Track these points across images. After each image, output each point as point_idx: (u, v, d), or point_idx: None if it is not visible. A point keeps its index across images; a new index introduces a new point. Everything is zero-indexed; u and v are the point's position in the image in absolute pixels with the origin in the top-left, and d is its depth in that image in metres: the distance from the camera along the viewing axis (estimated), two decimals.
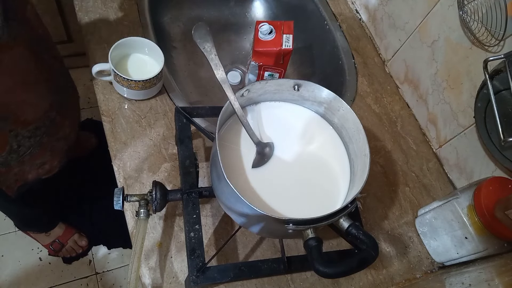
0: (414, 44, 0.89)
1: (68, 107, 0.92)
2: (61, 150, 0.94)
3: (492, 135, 0.68)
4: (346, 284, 0.72)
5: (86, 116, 1.60)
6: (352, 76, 0.97)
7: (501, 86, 0.64)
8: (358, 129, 0.61)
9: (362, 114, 0.92)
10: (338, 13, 1.05)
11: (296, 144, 0.66)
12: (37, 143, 0.83)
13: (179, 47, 1.01)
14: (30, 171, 0.89)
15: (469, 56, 0.76)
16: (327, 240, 0.75)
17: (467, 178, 0.83)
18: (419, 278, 0.76)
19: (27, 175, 0.89)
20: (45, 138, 0.85)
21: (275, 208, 0.58)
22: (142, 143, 0.77)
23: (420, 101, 0.92)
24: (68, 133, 0.94)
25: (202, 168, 0.75)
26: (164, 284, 0.66)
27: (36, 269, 1.35)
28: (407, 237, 0.80)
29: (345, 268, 0.50)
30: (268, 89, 0.64)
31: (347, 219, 0.53)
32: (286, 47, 0.80)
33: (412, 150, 0.90)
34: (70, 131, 0.95)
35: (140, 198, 0.62)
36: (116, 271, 1.40)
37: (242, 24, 1.09)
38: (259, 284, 0.68)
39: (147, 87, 0.76)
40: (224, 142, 0.63)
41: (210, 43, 0.61)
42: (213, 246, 0.69)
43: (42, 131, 0.83)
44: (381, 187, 0.84)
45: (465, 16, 0.73)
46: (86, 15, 0.88)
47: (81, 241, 1.39)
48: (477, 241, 0.69)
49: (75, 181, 1.45)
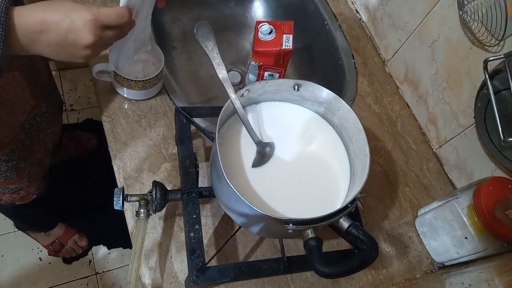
0: (414, 44, 0.89)
1: (39, 130, 0.88)
2: (37, 176, 0.91)
3: (492, 135, 0.68)
4: (346, 284, 0.72)
5: (86, 116, 1.60)
6: (352, 76, 0.97)
7: (501, 86, 0.64)
8: (358, 129, 0.61)
9: (362, 114, 0.92)
10: (338, 13, 1.05)
11: (296, 144, 0.66)
12: (15, 167, 0.80)
13: (179, 47, 1.01)
14: (4, 193, 0.86)
15: (469, 56, 0.76)
16: (327, 240, 0.75)
17: (467, 178, 0.83)
18: (419, 278, 0.76)
19: (1, 196, 0.87)
20: (21, 163, 0.82)
21: (275, 208, 0.58)
22: (142, 143, 0.77)
23: (420, 101, 0.92)
24: (39, 158, 0.91)
25: (202, 168, 0.75)
26: (164, 284, 0.66)
27: (36, 269, 1.35)
28: (407, 237, 0.80)
29: (345, 268, 0.50)
30: (268, 89, 0.64)
31: (347, 219, 0.53)
32: (286, 47, 0.80)
33: (412, 150, 0.90)
34: (42, 156, 0.91)
35: (140, 198, 0.62)
36: (116, 271, 1.40)
37: (242, 24, 1.09)
38: (259, 284, 0.68)
39: (147, 87, 0.76)
40: (224, 141, 0.63)
41: (212, 42, 0.61)
42: (213, 246, 0.69)
43: (17, 155, 0.80)
44: (381, 187, 0.84)
45: (465, 16, 0.73)
46: None
47: (81, 241, 1.39)
48: (477, 241, 0.69)
49: (75, 181, 1.45)
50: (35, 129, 0.85)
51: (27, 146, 0.83)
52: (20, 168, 0.82)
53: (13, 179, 0.82)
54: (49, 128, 0.92)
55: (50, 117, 0.90)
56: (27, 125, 0.81)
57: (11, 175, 0.81)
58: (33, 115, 0.82)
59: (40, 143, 0.91)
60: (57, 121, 0.97)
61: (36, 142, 0.88)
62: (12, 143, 0.77)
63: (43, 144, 0.92)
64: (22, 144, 0.81)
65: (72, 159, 1.41)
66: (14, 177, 0.82)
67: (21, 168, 0.82)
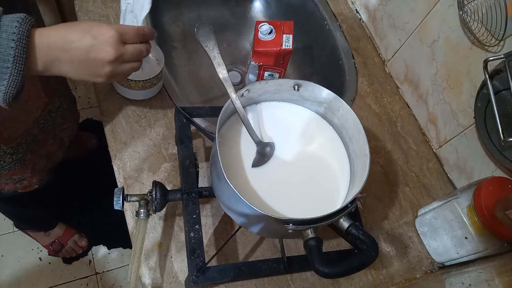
0: (414, 44, 0.89)
1: (55, 126, 0.89)
2: (43, 168, 0.91)
3: (492, 135, 0.68)
4: (346, 284, 0.72)
5: (86, 116, 1.60)
6: (352, 76, 0.97)
7: (501, 86, 0.64)
8: (358, 129, 0.61)
9: (362, 114, 0.92)
10: (338, 13, 1.05)
11: (296, 144, 0.66)
12: (19, 160, 0.81)
13: (179, 47, 1.01)
14: (7, 183, 0.87)
15: (469, 56, 0.76)
16: (327, 240, 0.75)
17: (467, 178, 0.83)
18: (419, 278, 0.76)
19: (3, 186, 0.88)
20: (28, 155, 0.83)
21: (275, 208, 0.58)
22: (142, 143, 0.77)
23: (420, 101, 0.92)
24: (53, 152, 0.92)
25: (202, 168, 0.75)
26: (164, 284, 0.66)
27: (36, 269, 1.35)
28: (407, 237, 0.80)
29: (345, 268, 0.50)
30: (268, 89, 0.64)
31: (347, 219, 0.53)
32: (286, 47, 0.80)
33: (412, 150, 0.90)
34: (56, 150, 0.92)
35: (140, 198, 0.62)
36: (116, 271, 1.40)
37: (242, 24, 1.09)
38: (259, 284, 0.68)
39: (147, 87, 0.76)
40: (224, 141, 0.63)
41: (212, 41, 0.61)
42: (213, 246, 0.69)
43: (24, 148, 0.81)
44: (381, 187, 0.84)
45: (465, 16, 0.73)
46: (86, 15, 0.88)
47: (81, 241, 1.39)
48: (477, 241, 0.69)
49: (75, 181, 1.45)
50: (50, 124, 0.87)
51: (40, 140, 0.85)
52: (25, 161, 0.83)
53: (16, 171, 0.83)
54: (65, 123, 0.94)
55: (64, 112, 0.91)
56: (42, 120, 0.83)
57: (15, 167, 0.82)
58: (48, 111, 0.84)
59: (56, 138, 0.92)
60: (72, 116, 0.98)
61: (51, 136, 0.90)
62: (21, 137, 0.78)
63: (59, 138, 0.94)
64: (34, 138, 0.83)
65: (72, 159, 1.41)
66: (18, 168, 0.83)
67: (26, 160, 0.83)
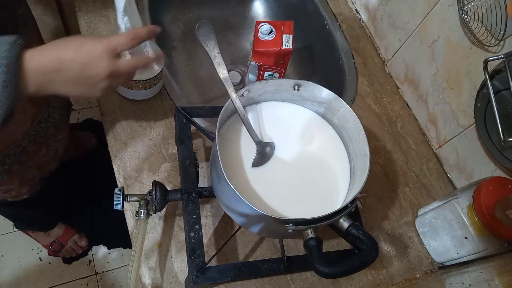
0: (414, 44, 0.89)
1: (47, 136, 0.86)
2: (32, 178, 0.89)
3: (492, 135, 0.68)
4: (346, 284, 0.72)
5: (86, 116, 1.60)
6: (352, 76, 0.97)
7: (501, 86, 0.64)
8: (358, 129, 0.61)
9: (362, 114, 0.92)
10: (338, 13, 1.05)
11: (296, 144, 0.66)
12: (5, 171, 0.79)
13: (179, 47, 1.01)
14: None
15: (469, 56, 0.76)
16: (327, 240, 0.75)
17: (467, 178, 0.83)
18: (419, 278, 0.76)
19: None
20: (15, 166, 0.80)
21: (275, 208, 0.58)
22: (142, 143, 0.77)
23: (420, 101, 0.92)
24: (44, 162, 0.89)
25: (202, 168, 0.75)
26: (164, 284, 0.66)
27: (36, 269, 1.35)
28: (407, 237, 0.80)
29: (345, 268, 0.50)
30: (268, 89, 0.64)
31: (347, 219, 0.53)
32: (286, 47, 0.80)
33: (412, 150, 0.90)
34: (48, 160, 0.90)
35: (140, 198, 0.62)
36: (116, 271, 1.40)
37: (242, 24, 1.09)
38: (259, 284, 0.68)
39: (147, 87, 0.76)
40: (224, 141, 0.63)
41: (213, 41, 0.61)
42: (213, 246, 0.69)
43: (12, 160, 0.79)
44: (381, 187, 0.84)
45: (465, 16, 0.73)
46: (86, 15, 0.88)
47: (81, 241, 1.39)
48: (477, 241, 0.69)
49: (75, 181, 1.45)
50: (42, 135, 0.84)
51: (30, 151, 0.82)
52: (11, 171, 0.81)
53: (3, 182, 0.82)
54: (58, 134, 0.91)
55: (56, 122, 0.88)
56: (33, 131, 0.80)
57: (1, 178, 0.80)
58: (37, 122, 0.81)
59: (50, 149, 0.90)
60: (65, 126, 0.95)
61: (44, 147, 0.87)
62: (8, 149, 0.76)
63: (53, 149, 0.91)
64: (23, 149, 0.80)
65: (72, 159, 1.41)
66: (4, 180, 0.81)
67: (12, 171, 0.81)
